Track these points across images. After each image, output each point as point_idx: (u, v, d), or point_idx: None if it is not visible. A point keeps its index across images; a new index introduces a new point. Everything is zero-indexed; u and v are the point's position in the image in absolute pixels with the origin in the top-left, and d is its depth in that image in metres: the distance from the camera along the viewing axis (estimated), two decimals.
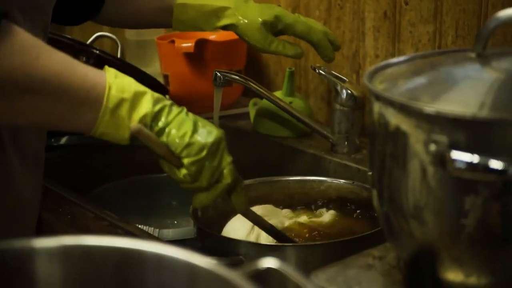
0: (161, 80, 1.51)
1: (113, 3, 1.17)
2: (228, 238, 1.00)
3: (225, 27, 1.17)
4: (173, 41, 1.47)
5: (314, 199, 1.14)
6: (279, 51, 1.17)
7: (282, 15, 1.17)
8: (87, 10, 1.16)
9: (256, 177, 1.24)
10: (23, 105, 0.82)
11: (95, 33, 1.52)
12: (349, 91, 1.26)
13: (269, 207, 1.12)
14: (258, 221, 1.01)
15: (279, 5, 1.50)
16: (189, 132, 0.87)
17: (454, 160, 0.63)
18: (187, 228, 1.14)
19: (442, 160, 0.64)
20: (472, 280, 0.69)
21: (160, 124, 0.86)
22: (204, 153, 0.87)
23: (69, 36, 1.41)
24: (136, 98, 0.85)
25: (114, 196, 1.29)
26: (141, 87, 0.86)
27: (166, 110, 0.86)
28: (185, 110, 0.89)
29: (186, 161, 0.87)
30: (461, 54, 0.77)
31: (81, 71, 0.84)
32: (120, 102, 0.84)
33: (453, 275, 0.70)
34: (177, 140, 0.86)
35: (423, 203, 0.68)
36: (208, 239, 1.00)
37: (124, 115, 0.84)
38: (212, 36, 1.56)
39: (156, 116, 0.86)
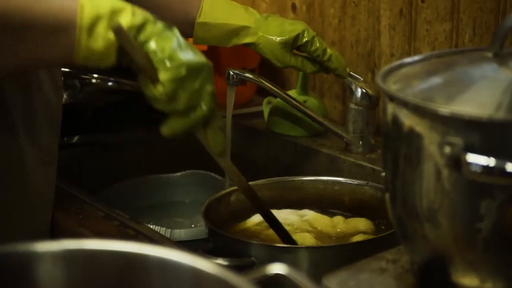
0: None
1: None
2: (239, 239, 0.99)
3: (246, 45, 1.19)
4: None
5: (328, 199, 1.13)
6: (298, 67, 1.20)
7: (301, 33, 1.18)
8: None
9: (269, 176, 1.22)
10: (8, 49, 0.80)
11: None
12: (364, 90, 1.24)
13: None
14: (233, 174, 0.96)
15: (294, 4, 1.49)
16: (172, 46, 0.82)
17: (469, 163, 0.61)
18: (199, 228, 1.13)
19: (457, 163, 0.62)
20: (488, 285, 0.67)
21: (142, 36, 0.82)
22: (183, 71, 0.82)
23: None
24: (114, 13, 0.81)
25: (125, 196, 1.28)
26: (119, 2, 0.82)
27: (150, 23, 0.82)
28: (175, 28, 0.85)
29: (163, 75, 0.82)
30: (477, 53, 0.76)
31: (45, 0, 0.80)
32: (96, 20, 0.80)
33: (468, 280, 0.68)
34: (158, 52, 0.82)
35: (437, 206, 0.66)
36: (219, 240, 0.98)
37: (103, 33, 0.80)
38: None
39: (139, 29, 0.81)
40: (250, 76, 1.24)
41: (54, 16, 0.80)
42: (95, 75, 1.38)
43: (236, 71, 1.22)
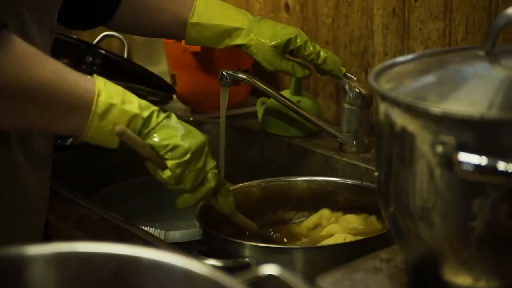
0: (168, 79, 1.50)
1: (128, 11, 1.17)
2: (234, 240, 0.99)
3: (237, 46, 1.19)
4: (180, 41, 1.46)
5: (322, 199, 1.13)
6: (288, 72, 1.20)
7: (294, 38, 1.18)
8: (97, 15, 1.16)
9: (264, 177, 1.22)
10: (13, 111, 0.85)
11: (101, 33, 1.51)
12: (357, 90, 1.24)
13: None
14: (245, 223, 1.03)
15: (287, 4, 1.49)
16: (174, 135, 0.90)
17: (461, 162, 0.61)
18: (194, 230, 1.13)
19: (449, 162, 0.62)
20: (481, 284, 0.67)
21: (147, 129, 0.89)
22: (187, 156, 0.90)
23: (75, 36, 1.40)
24: (124, 104, 0.88)
25: (120, 198, 1.28)
26: (129, 94, 0.89)
27: (154, 115, 0.90)
28: (172, 115, 0.92)
29: (170, 163, 0.90)
30: (469, 52, 0.76)
31: (72, 79, 0.87)
32: (108, 108, 0.87)
33: (462, 279, 0.68)
34: (162, 143, 0.90)
35: (430, 205, 0.66)
36: (214, 241, 0.98)
37: (111, 125, 0.87)
38: None
39: (146, 121, 0.89)
40: (244, 76, 1.24)
41: (76, 97, 0.87)
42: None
43: (230, 72, 1.22)
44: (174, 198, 1.33)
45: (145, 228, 1.09)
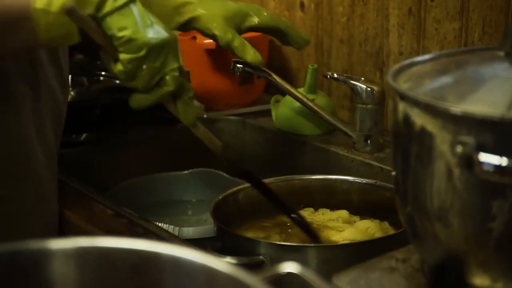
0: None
1: None
2: (248, 237, 0.99)
3: (188, 23, 1.13)
4: (194, 38, 1.46)
5: (336, 198, 1.13)
6: (239, 50, 1.13)
7: (247, 9, 1.14)
8: None
9: (277, 175, 1.22)
10: None
11: None
12: (368, 89, 1.24)
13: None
14: (209, 139, 0.96)
15: (303, 2, 1.49)
16: (132, 24, 0.81)
17: (481, 163, 0.61)
18: (208, 227, 1.13)
19: (468, 163, 0.62)
20: (499, 285, 0.67)
21: (101, 13, 0.81)
22: (143, 52, 0.82)
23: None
24: None
25: (134, 193, 1.28)
26: None
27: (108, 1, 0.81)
28: (137, 1, 0.83)
29: (122, 56, 0.82)
30: (488, 52, 0.75)
31: None
32: (50, 1, 0.80)
33: (479, 280, 0.68)
34: (117, 32, 0.81)
35: (448, 205, 0.66)
36: (228, 238, 0.98)
37: (58, 14, 0.80)
38: None
39: (99, 6, 0.80)
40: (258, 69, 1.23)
41: (8, 11, 0.81)
42: (103, 73, 1.38)
43: (242, 61, 1.20)
44: (187, 194, 1.34)
45: (159, 224, 1.09)
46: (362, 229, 1.04)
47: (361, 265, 0.77)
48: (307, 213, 1.11)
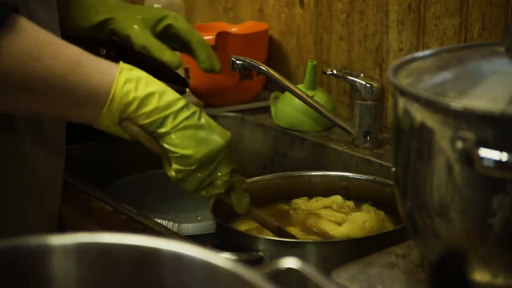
0: (181, 73, 1.50)
1: None
2: (247, 234, 0.99)
3: (104, 23, 1.13)
4: None
5: (335, 194, 1.13)
6: (155, 51, 1.12)
7: (164, 13, 1.14)
8: None
9: (277, 171, 1.22)
10: (22, 101, 0.83)
11: None
12: (368, 85, 1.24)
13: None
14: (263, 222, 1.00)
15: None
16: (186, 142, 0.86)
17: (481, 158, 0.61)
18: (207, 223, 1.13)
19: (469, 158, 0.62)
20: (499, 280, 0.67)
21: (161, 130, 0.86)
22: (193, 166, 0.87)
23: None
24: (141, 105, 0.85)
25: (133, 190, 1.28)
26: (151, 90, 0.85)
27: (171, 117, 0.86)
28: (197, 113, 0.87)
29: (174, 166, 0.88)
30: (488, 48, 0.75)
31: (85, 71, 0.83)
32: (123, 109, 0.84)
33: (480, 276, 0.68)
34: (170, 148, 0.87)
35: (448, 200, 0.66)
36: (227, 235, 0.98)
37: (124, 123, 0.85)
38: (233, 29, 1.54)
39: (160, 124, 0.86)
40: (254, 64, 1.23)
41: (87, 91, 0.83)
42: None
43: (241, 58, 1.21)
44: (184, 189, 1.34)
45: (159, 221, 1.09)
46: (359, 223, 1.04)
47: (361, 261, 0.77)
48: (301, 201, 1.11)
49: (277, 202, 1.13)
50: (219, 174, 0.90)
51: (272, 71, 1.25)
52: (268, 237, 0.97)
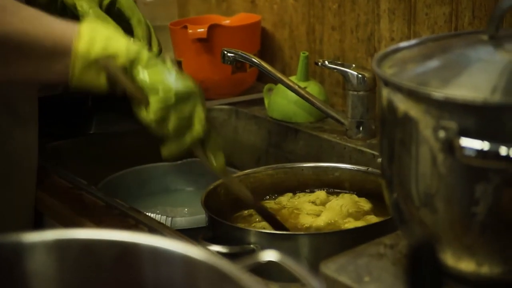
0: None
1: None
2: (239, 227, 0.99)
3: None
4: (185, 27, 1.46)
5: (328, 185, 1.13)
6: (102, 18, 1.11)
7: None
8: None
9: (270, 163, 1.22)
10: None
11: None
12: (359, 75, 1.24)
13: None
14: (238, 190, 0.99)
15: None
16: (162, 76, 0.87)
17: (463, 147, 0.61)
18: (200, 217, 1.13)
19: (451, 147, 0.62)
20: (484, 269, 0.67)
21: (135, 68, 0.86)
22: (172, 99, 0.87)
23: None
24: (108, 47, 0.85)
25: (126, 185, 1.28)
26: (114, 34, 0.87)
27: (142, 56, 0.87)
28: (167, 59, 0.89)
29: (153, 103, 0.87)
30: (474, 36, 0.75)
31: (45, 24, 0.84)
32: (90, 51, 0.84)
33: (465, 264, 0.68)
34: (149, 83, 0.87)
35: (433, 190, 0.66)
36: (220, 228, 0.98)
37: (95, 66, 0.85)
38: (226, 21, 1.54)
39: (132, 62, 0.86)
40: (246, 56, 1.23)
41: (53, 41, 0.84)
42: None
43: (232, 51, 1.21)
44: (179, 185, 1.34)
45: (151, 215, 1.09)
46: (336, 208, 1.04)
47: (349, 252, 0.77)
48: (285, 198, 1.11)
49: (267, 198, 1.12)
50: (197, 116, 0.90)
51: (264, 63, 1.25)
52: (260, 230, 0.97)
